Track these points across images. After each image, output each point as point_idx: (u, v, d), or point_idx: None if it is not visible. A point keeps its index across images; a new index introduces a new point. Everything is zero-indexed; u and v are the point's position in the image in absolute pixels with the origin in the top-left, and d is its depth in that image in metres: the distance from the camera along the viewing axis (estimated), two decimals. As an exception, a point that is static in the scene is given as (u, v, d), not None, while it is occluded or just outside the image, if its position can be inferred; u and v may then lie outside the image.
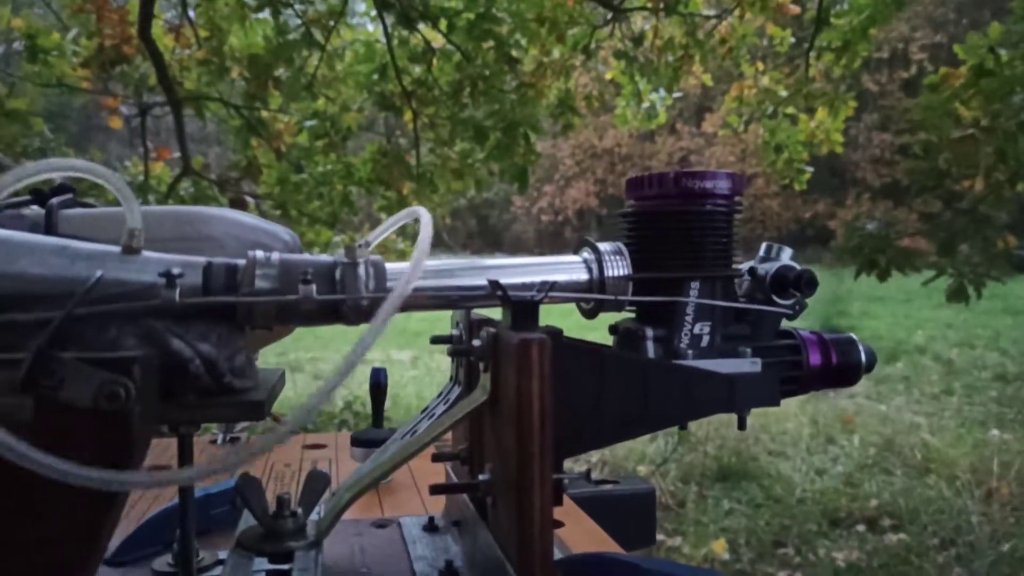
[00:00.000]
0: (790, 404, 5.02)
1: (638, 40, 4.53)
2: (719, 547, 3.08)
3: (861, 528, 3.29)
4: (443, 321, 0.73)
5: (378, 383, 1.12)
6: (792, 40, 4.96)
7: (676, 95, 5.07)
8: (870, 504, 3.49)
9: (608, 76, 4.92)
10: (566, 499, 0.95)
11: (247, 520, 0.60)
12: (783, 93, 4.87)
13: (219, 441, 1.24)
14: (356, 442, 1.03)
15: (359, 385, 4.96)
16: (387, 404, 1.15)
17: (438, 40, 3.75)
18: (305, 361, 6.07)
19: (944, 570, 2.92)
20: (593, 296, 0.62)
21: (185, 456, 0.57)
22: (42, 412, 0.43)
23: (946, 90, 3.11)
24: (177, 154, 3.86)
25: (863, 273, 3.28)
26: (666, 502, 3.56)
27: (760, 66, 5.03)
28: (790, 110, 4.83)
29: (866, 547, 3.11)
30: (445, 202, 4.37)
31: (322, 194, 4.06)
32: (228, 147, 4.51)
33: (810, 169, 4.91)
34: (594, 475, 0.59)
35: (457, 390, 0.67)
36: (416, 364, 6.23)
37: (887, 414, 4.93)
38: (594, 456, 4.19)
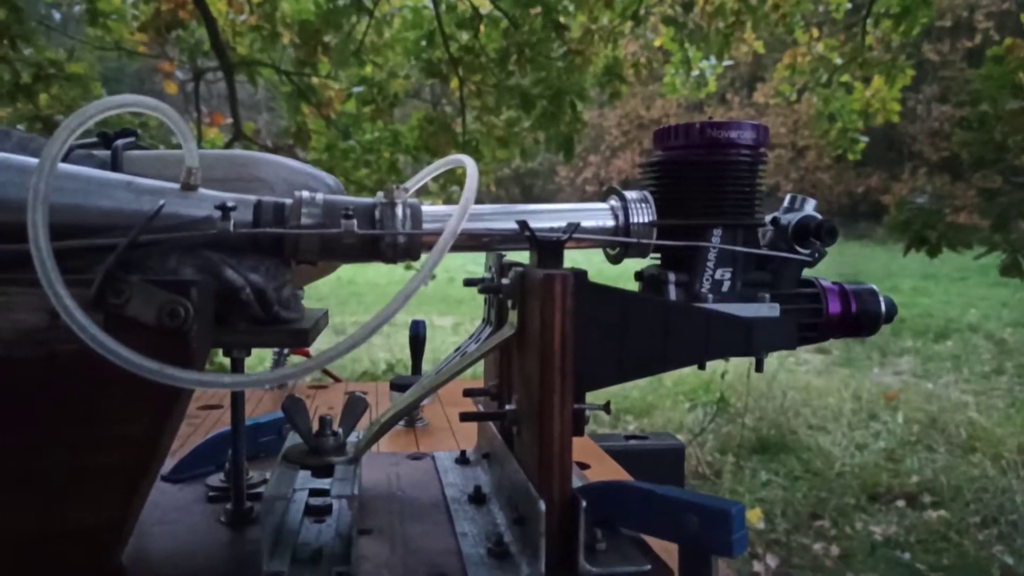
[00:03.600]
0: (833, 379, 4.99)
1: (688, 5, 4.45)
2: (754, 517, 3.09)
3: (900, 504, 3.26)
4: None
5: (417, 334, 1.18)
6: (849, 6, 4.82)
7: (727, 63, 4.97)
8: (911, 480, 3.45)
9: (657, 43, 4.85)
10: (593, 444, 0.99)
11: (292, 440, 0.65)
12: (838, 61, 4.74)
13: (267, 386, 1.31)
14: (395, 386, 1.09)
15: (401, 349, 5.06)
16: (428, 368, 1.20)
17: (486, 6, 3.75)
18: (349, 324, 6.20)
19: (984, 548, 2.89)
20: (616, 240, 0.64)
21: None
22: (110, 327, 0.48)
23: (1011, 62, 3.00)
24: (230, 120, 3.95)
25: (912, 249, 3.21)
26: (703, 472, 3.58)
27: (815, 33, 4.90)
28: (845, 78, 4.71)
29: (905, 522, 3.08)
30: (490, 170, 4.39)
31: (369, 161, 4.12)
32: (278, 113, 4.59)
33: (864, 139, 4.80)
34: (624, 431, 0.62)
35: (488, 330, 0.71)
36: (457, 330, 6.31)
37: (933, 392, 4.84)
38: (631, 424, 4.22)
